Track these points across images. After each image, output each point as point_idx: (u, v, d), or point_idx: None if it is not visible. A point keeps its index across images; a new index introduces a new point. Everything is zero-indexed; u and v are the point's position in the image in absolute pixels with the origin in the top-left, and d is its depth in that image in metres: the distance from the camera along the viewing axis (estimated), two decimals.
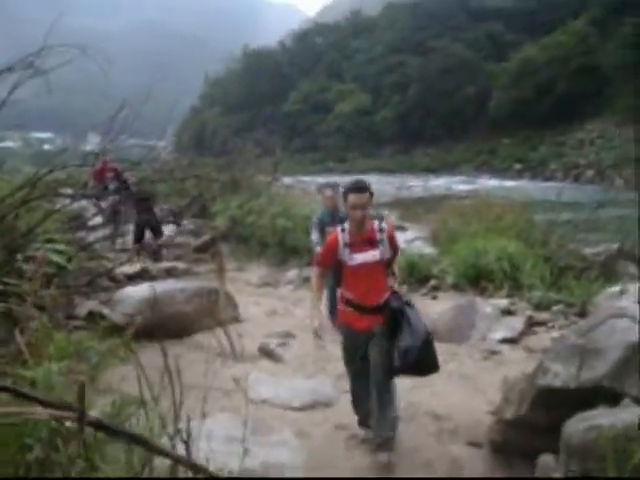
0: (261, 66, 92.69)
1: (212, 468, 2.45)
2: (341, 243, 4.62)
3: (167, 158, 17.95)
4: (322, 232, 7.64)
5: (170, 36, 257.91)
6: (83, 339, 4.47)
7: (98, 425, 1.21)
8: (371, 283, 4.66)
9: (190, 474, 2.22)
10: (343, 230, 4.67)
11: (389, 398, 4.70)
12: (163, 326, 6.76)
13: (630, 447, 3.25)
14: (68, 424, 2.17)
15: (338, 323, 5.07)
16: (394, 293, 4.69)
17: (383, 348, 4.58)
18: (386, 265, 4.76)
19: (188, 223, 15.34)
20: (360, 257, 4.61)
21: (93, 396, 3.12)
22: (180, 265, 11.96)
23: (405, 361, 4.43)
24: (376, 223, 4.70)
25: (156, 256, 12.21)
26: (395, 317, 4.54)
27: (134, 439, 1.35)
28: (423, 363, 4.53)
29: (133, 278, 10.03)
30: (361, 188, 4.54)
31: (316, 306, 4.88)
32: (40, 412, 1.13)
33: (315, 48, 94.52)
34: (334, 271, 4.93)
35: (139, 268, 10.60)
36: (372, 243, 4.63)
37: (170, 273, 11.11)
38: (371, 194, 4.57)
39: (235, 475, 3.22)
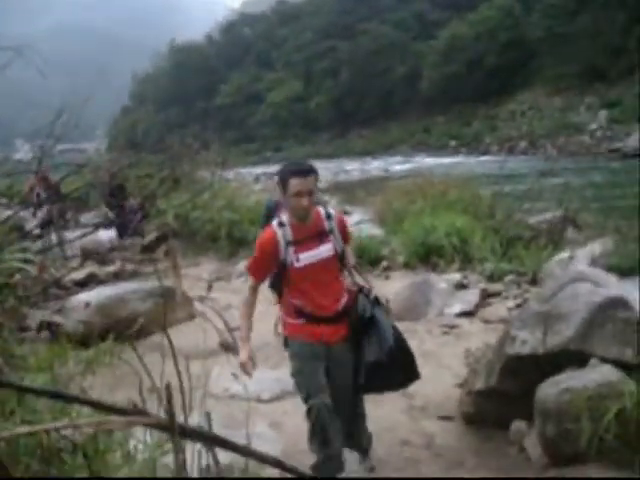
0: (189, 61, 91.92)
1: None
2: (281, 242, 3.66)
3: (103, 160, 17.65)
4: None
5: (95, 36, 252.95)
6: (62, 349, 4.36)
7: (188, 432, 1.16)
8: (326, 286, 3.77)
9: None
10: (282, 225, 3.69)
11: (362, 417, 4.13)
12: (118, 329, 6.63)
13: (603, 405, 3.35)
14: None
15: (286, 335, 3.99)
16: (360, 293, 3.89)
17: (349, 370, 3.85)
18: (340, 260, 3.85)
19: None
20: (310, 255, 3.69)
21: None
22: (128, 267, 11.79)
23: (373, 379, 3.79)
24: (321, 210, 3.82)
25: (105, 259, 12.05)
26: (361, 329, 3.82)
27: (219, 442, 1.30)
28: (395, 377, 3.90)
29: (81, 284, 9.88)
30: (306, 170, 3.61)
31: (245, 330, 3.85)
32: (123, 421, 1.07)
33: (243, 39, 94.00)
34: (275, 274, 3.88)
35: (86, 274, 10.44)
36: (321, 235, 3.74)
37: (118, 276, 10.96)
38: (317, 176, 3.70)
39: None
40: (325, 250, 3.72)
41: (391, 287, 8.79)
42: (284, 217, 3.71)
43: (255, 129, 77.27)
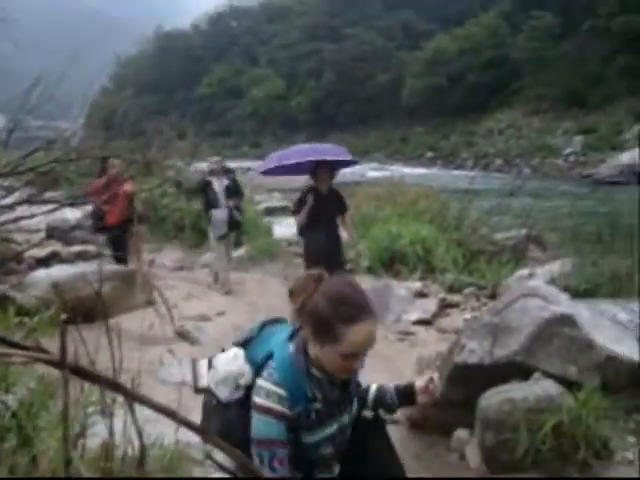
0: (174, 48, 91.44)
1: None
2: None
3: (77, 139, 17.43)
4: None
5: (82, 15, 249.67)
6: (6, 317, 4.29)
7: (83, 373, 1.13)
8: None
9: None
10: None
11: None
12: (74, 310, 6.54)
13: (542, 418, 3.42)
14: None
15: None
16: None
17: None
18: None
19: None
20: None
21: None
22: (91, 248, 11.69)
23: None
24: None
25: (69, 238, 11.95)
26: None
27: (114, 387, 1.24)
28: None
29: (43, 261, 9.79)
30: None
31: None
32: (20, 354, 1.06)
33: (230, 31, 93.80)
34: None
35: (49, 251, 10.36)
36: None
37: (81, 256, 10.85)
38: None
39: None
40: None
41: None
42: None
43: (234, 123, 77.14)
